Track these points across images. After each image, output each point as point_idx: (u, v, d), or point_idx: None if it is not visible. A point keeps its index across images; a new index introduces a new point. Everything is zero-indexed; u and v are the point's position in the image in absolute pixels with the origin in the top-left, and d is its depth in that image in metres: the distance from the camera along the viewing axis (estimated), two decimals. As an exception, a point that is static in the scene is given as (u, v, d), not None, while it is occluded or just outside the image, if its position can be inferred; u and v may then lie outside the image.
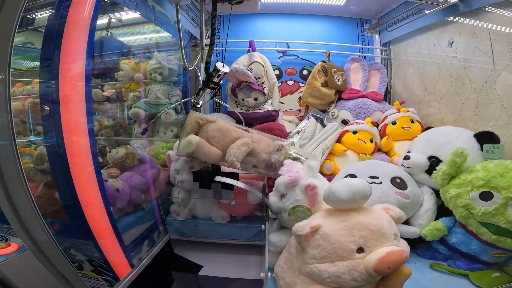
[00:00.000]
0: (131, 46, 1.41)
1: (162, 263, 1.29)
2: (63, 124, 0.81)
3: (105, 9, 1.04)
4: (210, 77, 1.14)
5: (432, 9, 1.20)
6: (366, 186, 0.65)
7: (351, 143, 1.29)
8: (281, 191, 0.87)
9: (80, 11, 0.78)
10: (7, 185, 0.71)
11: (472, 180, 0.83)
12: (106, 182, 1.01)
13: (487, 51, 1.04)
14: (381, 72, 1.58)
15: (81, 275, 0.88)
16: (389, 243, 0.61)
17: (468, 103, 1.14)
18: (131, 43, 1.40)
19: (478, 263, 0.87)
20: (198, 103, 1.27)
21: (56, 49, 0.77)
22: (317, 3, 1.61)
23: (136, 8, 1.09)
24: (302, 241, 0.65)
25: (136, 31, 1.32)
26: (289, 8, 1.68)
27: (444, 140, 1.01)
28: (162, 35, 1.37)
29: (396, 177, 0.99)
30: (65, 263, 0.78)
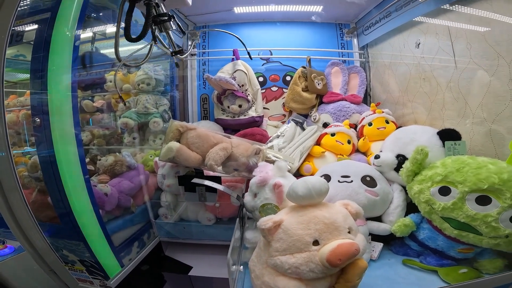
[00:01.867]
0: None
1: (153, 264, 1.35)
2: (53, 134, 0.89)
3: (89, 25, 1.11)
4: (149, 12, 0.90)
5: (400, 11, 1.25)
6: (322, 183, 0.71)
7: (329, 145, 1.35)
8: (253, 190, 0.94)
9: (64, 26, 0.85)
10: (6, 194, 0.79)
11: (432, 176, 0.86)
12: (95, 187, 1.09)
13: (448, 50, 1.09)
14: (360, 75, 1.64)
15: (68, 268, 0.94)
16: (342, 236, 0.66)
17: (436, 102, 1.19)
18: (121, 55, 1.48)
19: (447, 259, 0.88)
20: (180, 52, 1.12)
21: (44, 62, 0.84)
22: (298, 11, 1.68)
23: None
24: (266, 235, 0.70)
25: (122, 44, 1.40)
26: (271, 16, 1.75)
27: (409, 138, 1.05)
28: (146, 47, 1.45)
29: (367, 176, 1.04)
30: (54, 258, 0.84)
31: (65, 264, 1.01)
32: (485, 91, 0.96)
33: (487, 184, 0.75)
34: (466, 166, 0.81)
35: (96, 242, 1.02)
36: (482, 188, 0.76)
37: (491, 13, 0.93)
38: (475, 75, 1.00)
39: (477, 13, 0.98)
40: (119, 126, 1.44)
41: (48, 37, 0.83)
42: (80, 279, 0.97)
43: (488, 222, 0.75)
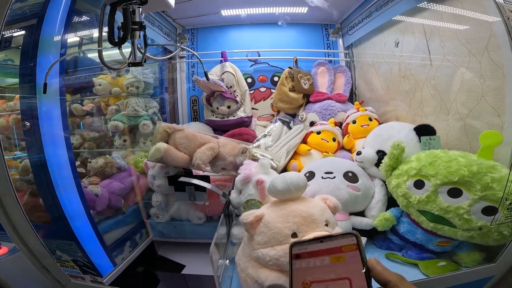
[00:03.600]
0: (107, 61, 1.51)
1: (146, 263, 1.38)
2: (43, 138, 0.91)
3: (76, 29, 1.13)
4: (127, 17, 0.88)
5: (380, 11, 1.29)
6: (300, 178, 0.74)
7: (315, 143, 1.39)
8: (238, 187, 0.97)
9: (51, 32, 0.88)
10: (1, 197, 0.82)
11: (407, 170, 0.90)
12: (86, 188, 1.12)
13: (424, 49, 1.13)
14: (345, 74, 1.68)
15: (60, 264, 0.97)
16: (319, 228, 0.69)
17: (414, 99, 1.24)
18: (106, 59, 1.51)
19: (427, 253, 0.90)
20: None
21: (33, 66, 0.87)
22: (284, 12, 1.71)
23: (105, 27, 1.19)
24: (248, 229, 0.73)
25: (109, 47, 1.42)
26: (259, 18, 1.78)
27: (388, 135, 1.09)
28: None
29: (349, 172, 1.07)
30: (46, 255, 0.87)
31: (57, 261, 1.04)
32: (458, 87, 1.00)
33: (457, 176, 0.78)
34: (438, 160, 0.85)
35: (88, 241, 1.04)
36: (453, 181, 0.79)
37: (461, 11, 0.97)
38: (449, 72, 1.04)
39: (448, 10, 1.02)
40: (109, 129, 1.47)
41: (35, 42, 0.86)
42: (72, 275, 0.99)
43: (460, 214, 0.77)
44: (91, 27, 1.15)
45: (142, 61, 1.02)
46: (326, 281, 0.42)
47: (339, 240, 0.44)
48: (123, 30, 0.90)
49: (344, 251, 0.43)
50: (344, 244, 0.43)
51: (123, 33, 0.87)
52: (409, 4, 1.18)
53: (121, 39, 0.88)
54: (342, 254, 0.43)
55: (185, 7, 1.59)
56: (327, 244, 0.45)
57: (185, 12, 1.68)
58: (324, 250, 0.44)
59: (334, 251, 0.43)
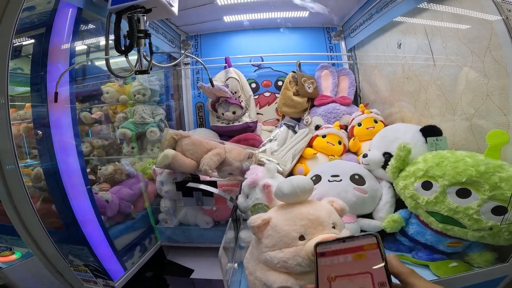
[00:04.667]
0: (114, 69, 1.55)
1: (155, 268, 1.39)
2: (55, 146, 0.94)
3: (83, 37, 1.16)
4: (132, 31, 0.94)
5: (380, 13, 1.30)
6: (306, 181, 0.75)
7: (321, 147, 1.39)
8: (245, 192, 0.98)
9: (60, 41, 0.91)
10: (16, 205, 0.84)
11: (414, 171, 0.90)
12: (97, 195, 1.14)
13: (427, 49, 1.13)
14: (349, 77, 1.69)
15: (73, 268, 0.99)
16: (326, 231, 0.69)
17: (419, 100, 1.23)
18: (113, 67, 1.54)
19: (438, 254, 0.89)
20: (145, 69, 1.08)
21: (43, 75, 0.89)
22: (285, 17, 1.74)
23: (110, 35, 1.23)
24: (256, 232, 0.74)
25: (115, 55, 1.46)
26: (261, 23, 1.81)
27: (394, 136, 1.09)
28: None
29: (355, 174, 1.07)
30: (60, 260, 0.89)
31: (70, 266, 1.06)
32: (463, 87, 1.00)
33: (465, 177, 0.78)
34: (445, 160, 0.84)
35: (99, 246, 1.06)
36: (461, 181, 0.78)
37: (460, 10, 0.97)
38: (453, 72, 1.04)
39: (448, 10, 1.03)
40: (117, 136, 1.50)
41: (45, 51, 0.88)
42: (85, 279, 1.01)
43: (470, 215, 0.77)
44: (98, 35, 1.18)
45: (148, 68, 1.05)
46: (350, 275, 0.46)
47: (360, 240, 0.48)
48: (129, 38, 0.94)
49: (366, 249, 0.47)
50: (365, 243, 0.48)
51: (129, 41, 0.91)
52: (409, 5, 1.19)
53: (127, 47, 0.92)
54: (363, 252, 0.47)
55: (188, 14, 1.63)
56: (350, 244, 0.48)
57: (189, 19, 1.72)
58: (346, 249, 0.48)
59: (356, 249, 0.47)
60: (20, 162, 1.31)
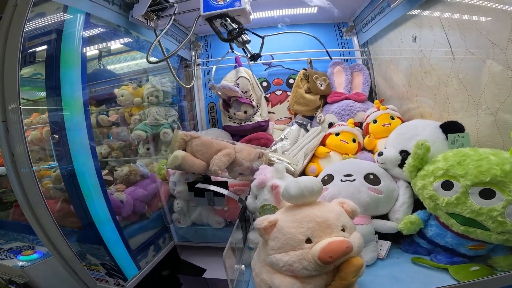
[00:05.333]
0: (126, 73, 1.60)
1: (169, 267, 1.42)
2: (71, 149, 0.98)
3: (95, 43, 1.20)
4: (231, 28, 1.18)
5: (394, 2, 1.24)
6: (314, 182, 0.72)
7: (334, 145, 1.35)
8: (254, 192, 0.97)
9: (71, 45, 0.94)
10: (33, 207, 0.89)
11: (434, 170, 0.85)
12: (112, 195, 1.18)
13: (444, 42, 1.07)
14: (363, 72, 1.63)
15: (86, 268, 1.03)
16: (334, 234, 0.67)
17: (439, 95, 1.16)
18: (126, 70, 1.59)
19: (458, 257, 0.85)
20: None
21: (57, 80, 0.93)
22: (294, 14, 1.71)
23: (122, 40, 1.26)
24: (262, 234, 0.73)
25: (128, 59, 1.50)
26: (269, 21, 1.79)
27: (411, 133, 1.03)
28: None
29: (370, 174, 1.03)
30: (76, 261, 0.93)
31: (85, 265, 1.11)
32: (485, 80, 0.93)
33: (489, 176, 0.72)
34: (467, 159, 0.79)
35: (114, 246, 1.10)
36: (485, 181, 0.73)
37: (477, 1, 0.91)
38: (474, 65, 0.98)
39: (464, 1, 0.97)
40: (133, 138, 1.54)
41: (57, 56, 0.91)
42: (98, 278, 1.05)
43: (494, 217, 0.71)
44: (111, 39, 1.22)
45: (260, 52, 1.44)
46: None
47: None
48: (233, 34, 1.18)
49: None
50: None
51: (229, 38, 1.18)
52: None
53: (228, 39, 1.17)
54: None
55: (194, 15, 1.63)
56: None
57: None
58: None
59: None
60: (44, 164, 1.39)
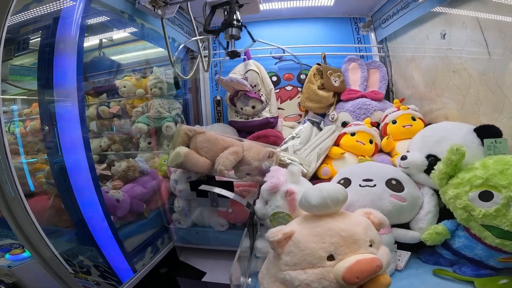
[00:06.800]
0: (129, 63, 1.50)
1: (167, 269, 1.34)
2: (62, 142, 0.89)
3: (95, 31, 1.11)
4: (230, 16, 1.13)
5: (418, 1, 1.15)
6: (339, 190, 0.63)
7: (349, 146, 1.25)
8: (265, 197, 0.87)
9: (67, 33, 0.85)
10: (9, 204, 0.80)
11: (470, 179, 0.76)
12: (107, 193, 1.09)
13: (480, 40, 0.97)
14: (380, 70, 1.53)
15: (73, 275, 0.95)
16: (362, 250, 0.59)
17: (469, 96, 1.06)
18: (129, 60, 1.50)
19: (485, 269, 0.80)
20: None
21: (49, 69, 0.84)
22: (307, 6, 1.61)
23: (125, 27, 1.17)
24: (275, 247, 0.64)
25: (131, 49, 1.41)
26: (281, 13, 1.69)
27: (440, 136, 0.94)
28: (157, 51, 1.46)
29: (392, 179, 0.94)
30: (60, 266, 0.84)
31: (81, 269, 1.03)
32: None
33: (537, 188, 0.64)
34: (511, 168, 0.71)
35: (108, 247, 1.02)
36: (531, 193, 0.64)
37: None
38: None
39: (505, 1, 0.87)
40: (134, 131, 1.45)
41: (51, 44, 0.83)
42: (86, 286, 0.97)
43: (536, 231, 0.64)
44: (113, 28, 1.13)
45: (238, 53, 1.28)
46: None
47: None
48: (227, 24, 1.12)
49: None
50: None
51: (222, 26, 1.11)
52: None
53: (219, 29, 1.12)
54: None
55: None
56: None
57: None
58: None
59: None
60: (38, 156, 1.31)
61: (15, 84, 1.07)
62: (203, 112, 1.74)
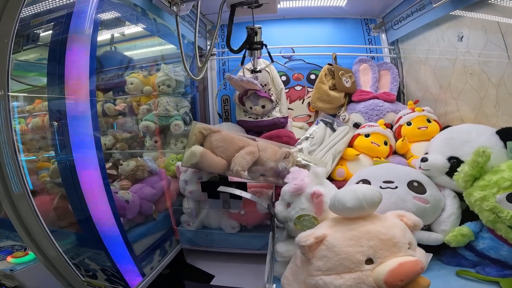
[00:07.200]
0: (138, 60, 1.46)
1: (175, 272, 1.29)
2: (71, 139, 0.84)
3: (107, 25, 1.07)
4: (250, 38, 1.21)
5: (439, 2, 1.14)
6: (374, 192, 0.61)
7: (364, 147, 1.24)
8: (286, 199, 0.84)
9: (81, 26, 0.80)
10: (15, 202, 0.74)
11: (498, 181, 0.76)
12: (116, 194, 1.04)
13: (499, 44, 0.97)
14: (391, 71, 1.52)
15: (87, 283, 0.90)
16: (402, 253, 0.57)
17: (487, 98, 1.06)
18: (138, 57, 1.45)
19: (510, 269, 0.80)
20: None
21: (61, 64, 0.79)
22: (318, 6, 1.60)
23: (137, 22, 1.13)
24: (306, 252, 0.62)
25: (141, 45, 1.37)
26: (291, 13, 1.67)
27: (463, 138, 0.94)
28: (167, 47, 1.42)
29: (414, 181, 0.93)
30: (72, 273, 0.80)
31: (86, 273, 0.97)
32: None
33: None
34: None
35: (117, 251, 0.97)
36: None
37: None
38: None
39: None
40: (140, 129, 1.40)
41: (63, 39, 0.78)
42: None
43: None
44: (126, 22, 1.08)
45: None
46: None
47: None
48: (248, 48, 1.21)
49: None
50: None
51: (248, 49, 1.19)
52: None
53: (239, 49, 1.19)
54: None
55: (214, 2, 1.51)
56: None
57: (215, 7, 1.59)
58: None
59: None
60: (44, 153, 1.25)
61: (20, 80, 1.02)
62: (211, 111, 1.70)
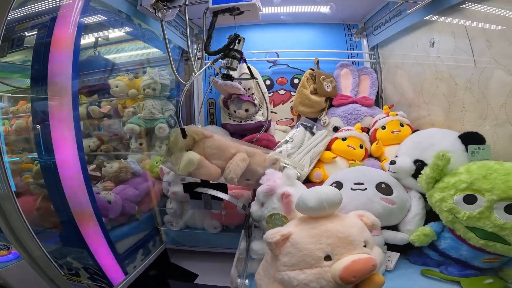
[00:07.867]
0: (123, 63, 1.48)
1: (158, 271, 1.32)
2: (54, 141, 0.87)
3: (91, 29, 1.09)
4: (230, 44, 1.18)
5: (412, 8, 1.19)
6: (334, 193, 0.66)
7: (340, 150, 1.29)
8: (260, 199, 0.89)
9: (64, 31, 0.83)
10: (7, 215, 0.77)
11: (455, 183, 0.80)
12: (99, 195, 1.07)
13: (466, 49, 1.03)
14: (371, 76, 1.58)
15: (66, 278, 0.92)
16: (357, 250, 0.61)
17: (454, 103, 1.12)
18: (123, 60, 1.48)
19: (471, 269, 0.83)
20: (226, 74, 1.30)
21: (44, 66, 0.82)
22: (303, 11, 1.64)
23: (122, 27, 1.16)
24: (273, 249, 0.66)
25: (126, 48, 1.39)
26: (276, 18, 1.71)
27: (428, 142, 0.99)
28: (152, 51, 1.45)
29: (382, 183, 0.97)
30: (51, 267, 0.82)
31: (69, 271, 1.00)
32: (508, 91, 0.89)
33: (517, 192, 0.68)
34: (494, 173, 0.75)
35: (99, 250, 0.99)
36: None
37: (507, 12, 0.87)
38: (496, 75, 0.93)
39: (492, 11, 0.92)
40: (125, 132, 1.43)
41: (47, 42, 0.81)
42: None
43: (518, 232, 0.68)
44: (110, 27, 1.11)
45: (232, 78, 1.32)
46: None
47: None
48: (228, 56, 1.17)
49: None
50: None
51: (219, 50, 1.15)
52: (447, 2, 1.08)
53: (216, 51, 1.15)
54: None
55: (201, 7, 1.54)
56: None
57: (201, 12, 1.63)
58: None
59: None
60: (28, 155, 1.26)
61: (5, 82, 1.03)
62: (196, 114, 1.73)
